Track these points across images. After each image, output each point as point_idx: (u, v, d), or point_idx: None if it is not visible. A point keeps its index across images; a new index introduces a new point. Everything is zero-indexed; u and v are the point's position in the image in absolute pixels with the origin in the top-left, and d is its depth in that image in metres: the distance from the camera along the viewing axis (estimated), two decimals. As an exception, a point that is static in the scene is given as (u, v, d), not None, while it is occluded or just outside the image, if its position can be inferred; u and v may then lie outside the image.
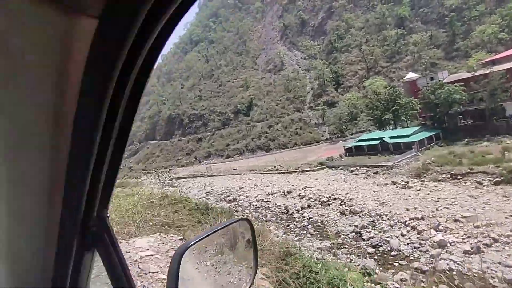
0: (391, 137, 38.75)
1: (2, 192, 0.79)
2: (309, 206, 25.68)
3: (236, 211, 26.41)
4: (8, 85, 0.60)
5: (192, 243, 1.23)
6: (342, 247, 17.63)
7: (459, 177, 24.06)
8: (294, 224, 22.79)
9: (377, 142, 39.30)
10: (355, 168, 34.05)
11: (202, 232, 1.56)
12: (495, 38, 57.78)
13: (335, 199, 25.28)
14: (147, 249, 4.67)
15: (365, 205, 22.19)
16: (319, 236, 20.05)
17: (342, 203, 23.90)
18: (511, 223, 15.95)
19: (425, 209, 19.10)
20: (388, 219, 19.28)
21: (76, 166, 0.75)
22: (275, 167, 44.18)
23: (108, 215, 0.96)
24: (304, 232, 21.11)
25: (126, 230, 6.75)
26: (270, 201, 29.15)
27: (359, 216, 21.04)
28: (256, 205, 28.16)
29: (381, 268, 14.60)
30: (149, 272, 3.97)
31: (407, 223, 17.96)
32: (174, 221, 9.03)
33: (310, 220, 23.06)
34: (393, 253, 15.86)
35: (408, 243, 16.39)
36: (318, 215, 23.53)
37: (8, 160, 0.73)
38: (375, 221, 19.64)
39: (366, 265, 14.26)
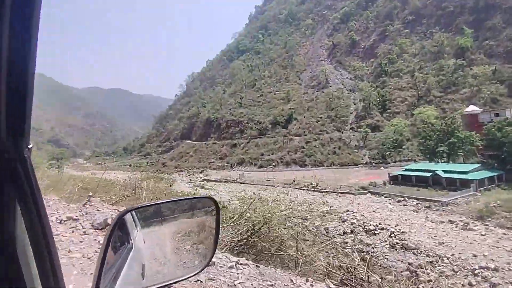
0: (445, 171, 35.37)
1: None
2: (352, 232, 23.52)
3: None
4: None
5: (137, 207, 1.35)
6: (395, 286, 15.38)
7: (534, 228, 20.84)
8: (336, 250, 20.73)
9: (428, 174, 36.05)
10: (402, 199, 31.22)
11: (155, 201, 1.57)
12: None
13: (382, 229, 22.89)
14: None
15: (420, 242, 19.68)
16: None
17: (392, 235, 21.49)
18: None
19: (498, 259, 16.33)
20: (450, 262, 16.75)
21: None
22: (311, 184, 42.13)
23: (30, 145, 0.77)
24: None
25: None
26: (307, 219, 27.17)
27: (414, 253, 18.61)
28: (292, 221, 26.21)
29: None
30: None
31: (476, 271, 15.37)
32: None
33: (354, 247, 20.89)
34: (459, 304, 13.48)
35: (478, 296, 13.88)
36: (363, 243, 21.31)
37: None
38: (434, 262, 17.17)
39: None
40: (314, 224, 26.38)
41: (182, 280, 1.34)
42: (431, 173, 35.73)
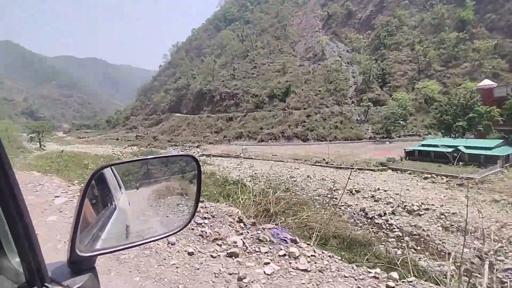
0: (466, 147, 34.06)
1: None
2: (393, 213, 21.66)
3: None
4: None
5: (115, 163, 1.38)
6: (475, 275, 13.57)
7: None
8: (384, 232, 18.82)
9: (448, 149, 34.62)
10: (429, 176, 29.73)
11: (135, 158, 1.67)
12: None
13: (427, 209, 21.17)
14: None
15: (478, 224, 18.05)
16: (427, 253, 16.05)
17: (442, 216, 19.79)
18: None
19: None
20: (526, 248, 15.19)
21: None
22: (324, 159, 40.07)
23: None
24: (403, 244, 17.10)
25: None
26: (335, 198, 25.04)
27: (477, 238, 16.93)
28: (319, 200, 24.08)
29: None
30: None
31: None
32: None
33: (403, 230, 19.04)
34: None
35: None
36: (411, 225, 19.49)
37: None
38: (505, 248, 15.54)
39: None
40: (346, 203, 24.42)
41: (164, 237, 1.37)
42: (452, 149, 34.32)
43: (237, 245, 4.63)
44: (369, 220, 21.22)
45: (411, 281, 4.76)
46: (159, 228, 1.63)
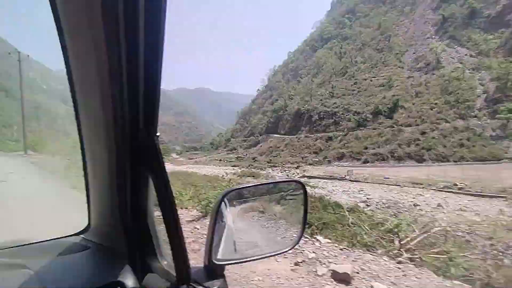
0: None
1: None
2: None
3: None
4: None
5: (237, 188, 1.53)
6: None
7: None
8: None
9: None
10: None
11: (250, 183, 1.66)
12: None
13: None
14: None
15: None
16: None
17: None
18: None
19: None
20: None
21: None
22: (456, 184, 32.30)
23: (157, 134, 0.93)
24: None
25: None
26: (492, 238, 18.46)
27: None
28: (467, 239, 18.06)
29: None
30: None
31: None
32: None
33: None
34: None
35: None
36: None
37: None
38: None
39: None
40: None
41: (272, 256, 1.43)
42: None
43: None
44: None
45: None
46: (264, 246, 1.62)
